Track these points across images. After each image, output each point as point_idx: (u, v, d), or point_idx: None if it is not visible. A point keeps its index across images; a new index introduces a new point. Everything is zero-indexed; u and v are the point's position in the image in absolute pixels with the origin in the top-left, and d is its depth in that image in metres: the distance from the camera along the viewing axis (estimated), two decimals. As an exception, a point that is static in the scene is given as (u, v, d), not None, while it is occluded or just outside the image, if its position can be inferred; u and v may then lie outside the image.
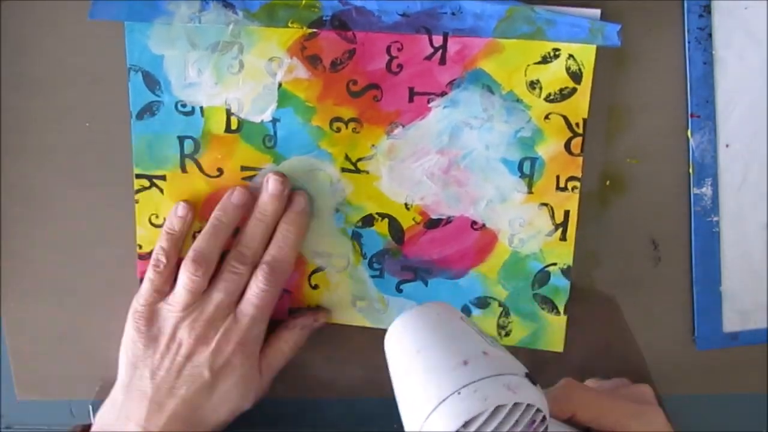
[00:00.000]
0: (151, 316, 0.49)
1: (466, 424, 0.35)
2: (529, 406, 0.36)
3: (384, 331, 0.40)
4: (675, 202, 0.52)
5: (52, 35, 0.50)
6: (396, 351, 0.40)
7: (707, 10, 0.49)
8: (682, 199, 0.52)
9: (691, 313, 0.53)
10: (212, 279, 0.49)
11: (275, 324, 0.52)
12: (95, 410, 0.51)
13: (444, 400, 0.36)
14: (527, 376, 0.37)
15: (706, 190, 0.51)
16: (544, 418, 0.37)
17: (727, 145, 0.51)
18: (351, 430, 0.56)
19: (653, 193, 0.52)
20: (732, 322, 0.53)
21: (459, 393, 0.36)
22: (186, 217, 0.50)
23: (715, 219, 0.52)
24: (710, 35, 0.49)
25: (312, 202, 0.51)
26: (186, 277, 0.48)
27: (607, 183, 0.52)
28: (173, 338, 0.48)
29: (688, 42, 0.49)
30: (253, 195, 0.50)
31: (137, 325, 0.48)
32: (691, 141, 0.50)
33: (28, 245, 0.54)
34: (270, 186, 0.49)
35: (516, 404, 0.35)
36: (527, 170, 0.50)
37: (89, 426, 0.50)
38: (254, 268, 0.49)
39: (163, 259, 0.49)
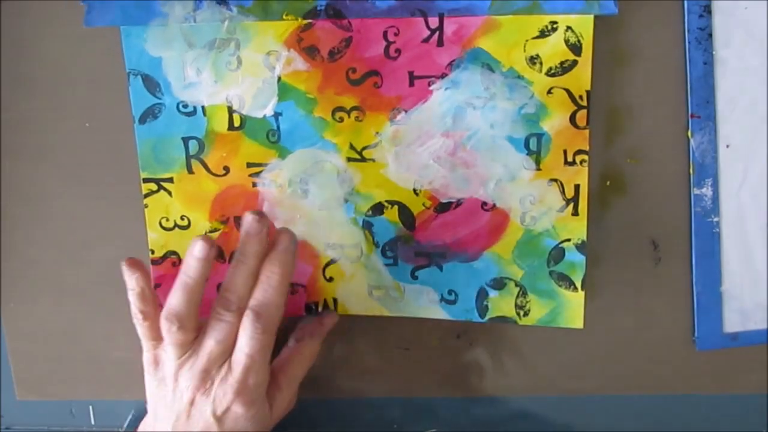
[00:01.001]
0: (156, 360, 0.48)
1: None
2: None
3: (399, 319, 0.39)
4: (675, 202, 0.52)
5: (51, 35, 0.51)
6: None
7: (707, 10, 0.49)
8: (682, 199, 0.51)
9: (691, 313, 0.53)
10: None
11: (288, 330, 0.52)
12: (135, 419, 0.51)
13: None
14: None
15: (706, 191, 0.51)
16: None
17: (727, 145, 0.50)
18: (352, 430, 0.56)
19: (653, 193, 0.51)
20: (732, 322, 0.53)
21: None
22: (144, 291, 0.48)
23: (715, 219, 0.51)
24: (710, 35, 0.49)
25: (321, 194, 0.51)
26: (165, 332, 0.47)
27: (607, 183, 0.51)
28: (176, 384, 0.47)
29: (688, 42, 0.49)
30: (217, 242, 0.48)
31: (148, 368, 0.48)
32: (691, 141, 0.50)
33: (28, 245, 0.54)
34: (246, 225, 0.47)
35: None
36: (534, 147, 0.50)
37: None
38: (242, 312, 0.47)
39: (140, 315, 0.48)
